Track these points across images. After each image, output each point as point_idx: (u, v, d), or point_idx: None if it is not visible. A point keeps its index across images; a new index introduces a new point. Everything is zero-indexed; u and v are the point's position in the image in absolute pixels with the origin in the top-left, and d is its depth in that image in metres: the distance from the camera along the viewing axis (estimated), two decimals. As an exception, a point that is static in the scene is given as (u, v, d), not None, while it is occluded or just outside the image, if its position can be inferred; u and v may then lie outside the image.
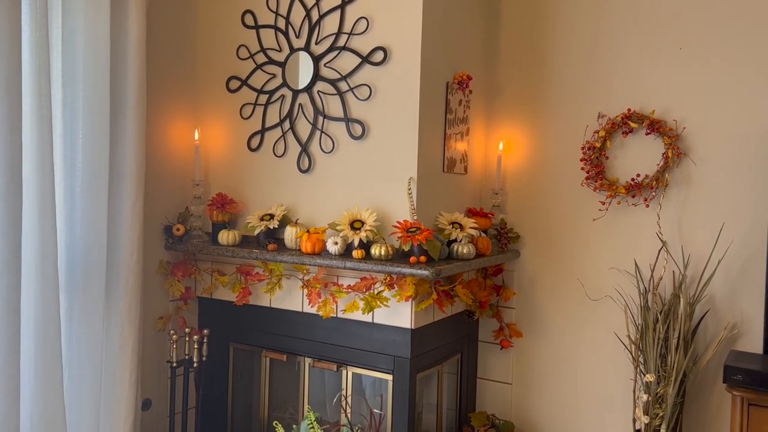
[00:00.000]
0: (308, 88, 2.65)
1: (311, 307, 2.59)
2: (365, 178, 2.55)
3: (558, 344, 2.87)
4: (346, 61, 2.56)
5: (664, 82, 2.63)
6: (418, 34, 2.42)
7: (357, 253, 2.40)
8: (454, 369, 2.89)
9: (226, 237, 2.71)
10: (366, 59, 2.51)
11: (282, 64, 2.71)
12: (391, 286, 2.41)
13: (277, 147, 2.75)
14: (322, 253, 2.51)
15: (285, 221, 2.67)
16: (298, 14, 2.67)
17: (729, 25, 2.52)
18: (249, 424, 2.97)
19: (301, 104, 2.68)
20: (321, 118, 2.63)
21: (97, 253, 2.40)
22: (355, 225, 2.44)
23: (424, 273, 2.25)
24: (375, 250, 2.38)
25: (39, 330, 2.16)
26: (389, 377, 2.50)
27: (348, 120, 2.56)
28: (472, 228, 2.56)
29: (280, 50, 2.73)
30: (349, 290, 2.49)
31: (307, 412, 2.38)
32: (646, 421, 2.43)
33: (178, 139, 2.90)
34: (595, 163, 2.72)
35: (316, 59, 2.62)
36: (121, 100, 2.48)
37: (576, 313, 2.82)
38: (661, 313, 2.50)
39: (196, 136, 2.88)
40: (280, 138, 2.74)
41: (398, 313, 2.44)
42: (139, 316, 2.56)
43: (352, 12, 2.54)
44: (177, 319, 2.89)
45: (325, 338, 2.63)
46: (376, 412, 2.50)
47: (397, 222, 2.40)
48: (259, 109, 2.79)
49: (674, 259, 2.61)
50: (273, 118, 2.76)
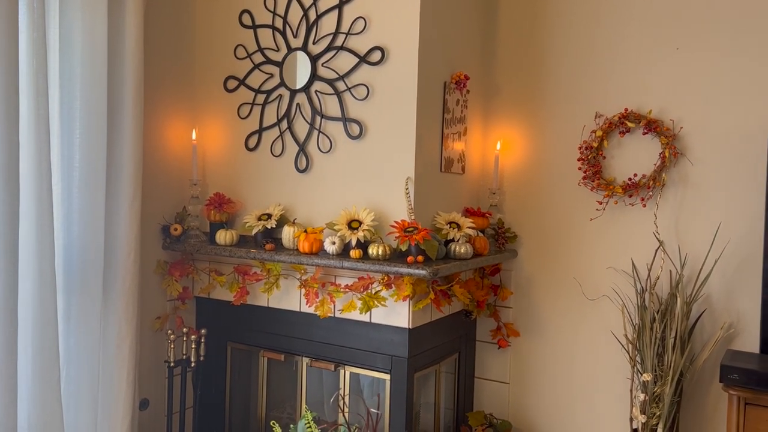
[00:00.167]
0: (306, 88, 2.65)
1: (309, 307, 2.60)
2: (363, 177, 2.55)
3: (555, 344, 2.87)
4: (344, 61, 2.56)
5: (661, 82, 2.64)
6: (416, 34, 2.42)
7: (354, 253, 2.40)
8: (452, 368, 2.89)
9: (223, 237, 2.71)
10: (363, 59, 2.51)
11: (279, 64, 2.71)
12: (388, 286, 2.41)
13: (275, 147, 2.75)
14: (320, 252, 2.51)
15: (282, 221, 2.67)
16: (295, 14, 2.67)
17: (726, 25, 2.52)
18: (246, 424, 2.97)
19: (298, 104, 2.68)
20: (318, 118, 2.63)
21: (95, 252, 2.40)
22: (353, 225, 2.45)
23: (422, 273, 2.25)
24: (372, 250, 2.38)
25: (36, 330, 2.16)
26: (387, 377, 2.50)
27: (345, 120, 2.57)
28: (469, 228, 2.56)
29: (278, 50, 2.73)
30: (347, 290, 2.49)
31: (304, 411, 2.38)
32: (643, 421, 2.43)
33: (175, 138, 2.89)
34: (593, 163, 2.73)
35: (314, 59, 2.62)
36: (119, 100, 2.48)
37: (573, 313, 2.83)
38: (658, 313, 2.51)
39: (194, 136, 2.88)
40: (277, 138, 2.74)
41: (396, 313, 2.45)
42: (137, 316, 2.56)
43: (350, 12, 2.54)
44: (174, 318, 2.89)
45: (323, 338, 2.63)
46: (374, 411, 2.50)
47: (395, 222, 2.40)
48: (257, 109, 2.79)
49: (671, 259, 2.62)
50: (270, 117, 2.76)
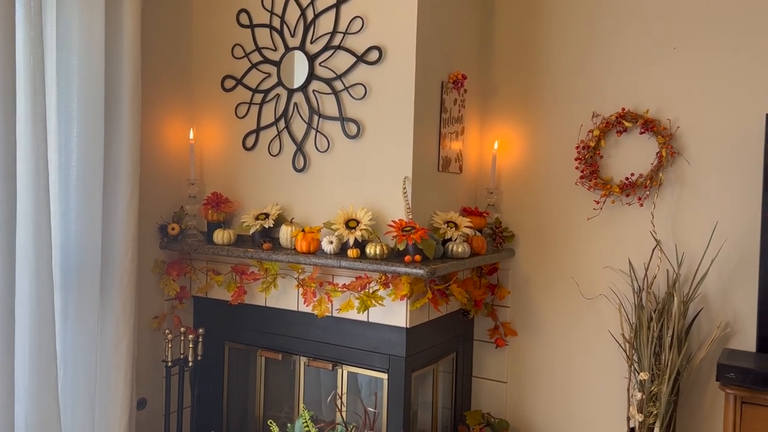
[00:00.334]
0: (303, 88, 2.65)
1: (306, 306, 2.60)
2: (360, 177, 2.55)
3: (553, 343, 2.88)
4: (341, 61, 2.56)
5: (658, 82, 2.64)
6: (413, 34, 2.42)
7: (352, 252, 2.40)
8: (450, 368, 2.89)
9: (221, 236, 2.71)
10: (361, 58, 2.51)
11: (277, 63, 2.71)
12: (386, 285, 2.41)
13: (273, 146, 2.75)
14: (317, 252, 2.51)
15: (280, 220, 2.67)
16: (293, 13, 2.67)
17: (723, 25, 2.53)
18: (244, 423, 2.97)
19: (296, 103, 2.68)
20: (316, 118, 2.63)
21: (92, 252, 2.40)
22: (350, 224, 2.45)
23: (419, 272, 2.25)
24: (370, 249, 2.38)
25: (34, 329, 2.16)
26: (384, 376, 2.50)
27: (343, 119, 2.57)
28: (467, 227, 2.57)
29: (275, 49, 2.73)
30: (344, 289, 2.49)
31: (302, 411, 2.38)
32: (640, 419, 2.44)
33: (173, 138, 2.89)
34: (590, 163, 2.73)
35: (311, 58, 2.62)
36: (116, 99, 2.48)
37: (570, 312, 2.83)
38: (655, 312, 2.51)
39: (191, 135, 2.87)
40: (275, 137, 2.74)
41: (393, 312, 2.45)
42: (134, 316, 2.56)
43: (347, 11, 2.54)
44: (172, 318, 2.89)
45: (321, 337, 2.63)
46: (371, 410, 2.50)
47: (392, 221, 2.40)
48: (255, 108, 2.79)
49: (668, 258, 2.62)
50: (268, 117, 2.76)
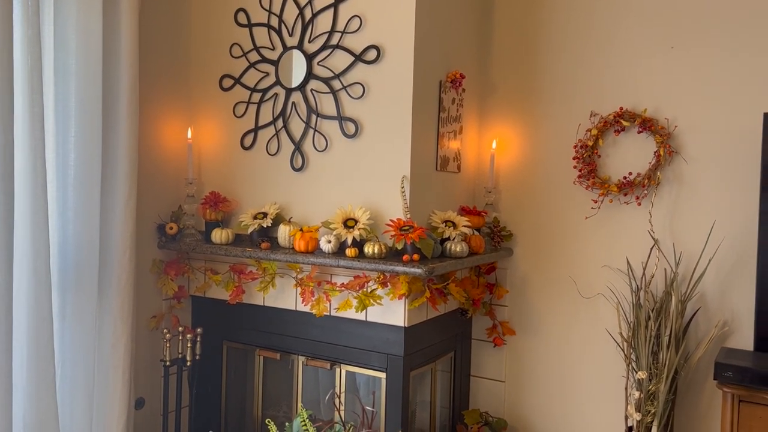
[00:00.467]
0: (301, 87, 2.65)
1: (304, 306, 2.59)
2: (358, 176, 2.55)
3: (551, 342, 2.88)
4: (339, 60, 2.56)
5: (656, 81, 2.65)
6: (411, 33, 2.42)
7: (350, 252, 2.40)
8: (448, 367, 2.89)
9: (219, 235, 2.71)
10: (359, 58, 2.51)
11: (275, 63, 2.71)
12: (384, 285, 2.41)
13: (271, 145, 2.75)
14: (316, 251, 2.51)
15: (278, 220, 2.67)
16: (291, 12, 2.67)
17: (721, 24, 2.53)
18: (242, 423, 2.97)
19: (294, 103, 2.68)
20: (314, 117, 2.63)
21: (90, 251, 2.40)
22: (349, 223, 2.45)
23: (417, 271, 2.25)
24: (368, 249, 2.38)
25: (31, 329, 2.15)
26: (383, 375, 2.50)
27: (341, 118, 2.57)
28: (465, 226, 2.57)
29: (273, 48, 2.73)
30: (343, 288, 2.49)
31: (300, 410, 2.38)
32: (638, 418, 2.44)
33: (171, 137, 2.89)
34: (588, 162, 2.74)
35: (309, 57, 2.62)
36: (114, 98, 2.48)
37: (568, 311, 2.84)
38: (653, 311, 2.52)
39: (189, 135, 2.87)
40: (273, 136, 2.74)
41: (391, 311, 2.45)
42: (132, 315, 2.55)
43: (345, 10, 2.54)
44: (170, 317, 2.88)
45: (319, 336, 2.63)
46: (368, 409, 2.50)
47: (391, 220, 2.40)
48: (253, 108, 2.79)
49: (666, 257, 2.62)
50: (266, 116, 2.76)
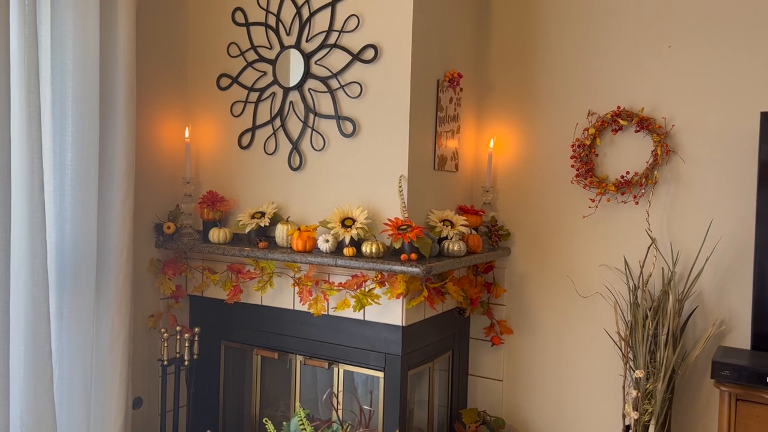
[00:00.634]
0: (299, 86, 2.64)
1: (302, 305, 2.59)
2: (356, 175, 2.55)
3: (548, 341, 2.88)
4: (337, 59, 2.56)
5: (653, 80, 2.65)
6: (409, 32, 2.42)
7: (348, 251, 2.40)
8: (445, 366, 2.90)
9: (216, 235, 2.71)
10: (357, 57, 2.51)
11: (273, 62, 2.71)
12: (382, 284, 2.41)
13: (268, 145, 2.75)
14: (313, 250, 2.51)
15: (276, 219, 2.67)
16: (288, 12, 2.67)
17: (718, 23, 2.54)
18: (240, 422, 2.97)
19: (291, 102, 2.68)
20: (312, 116, 2.63)
21: (87, 251, 2.39)
22: (346, 223, 2.45)
23: (415, 270, 2.25)
24: (366, 248, 2.38)
25: (29, 328, 2.15)
26: (380, 374, 2.50)
27: (339, 118, 2.57)
28: (462, 225, 2.57)
29: (271, 48, 2.72)
30: (340, 288, 2.49)
31: (297, 409, 2.38)
32: (636, 417, 2.44)
33: (168, 136, 2.89)
34: (585, 161, 2.74)
35: (307, 57, 2.62)
36: (111, 98, 2.48)
37: (566, 310, 2.84)
38: (650, 310, 2.52)
39: (187, 134, 2.87)
40: (270, 136, 2.74)
41: (389, 311, 2.45)
42: (130, 315, 2.55)
43: (343, 9, 2.54)
44: (168, 317, 2.88)
45: (317, 336, 2.63)
46: (366, 408, 2.50)
47: (388, 219, 2.40)
48: (250, 107, 2.78)
49: (663, 256, 2.63)
50: (264, 115, 2.75)
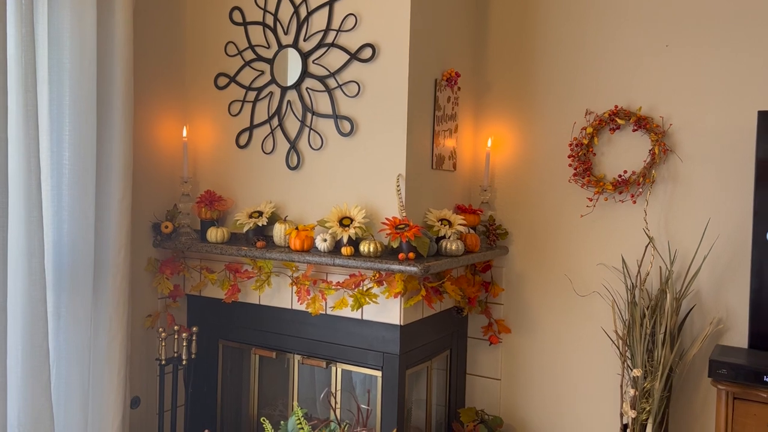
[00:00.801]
0: (297, 85, 2.64)
1: (300, 304, 2.59)
2: (354, 175, 2.55)
3: (546, 340, 2.88)
4: (335, 58, 2.56)
5: (651, 79, 2.65)
6: (407, 31, 2.42)
7: (346, 250, 2.40)
8: (443, 365, 2.90)
9: (214, 234, 2.71)
10: (354, 56, 2.51)
11: (270, 61, 2.71)
12: (380, 283, 2.41)
13: (266, 144, 2.75)
14: (311, 250, 2.51)
15: (274, 218, 2.66)
16: (286, 11, 2.67)
17: (716, 22, 2.54)
18: (238, 422, 2.97)
19: (289, 101, 2.68)
20: (309, 115, 2.63)
21: (85, 250, 2.39)
22: (344, 222, 2.45)
23: (413, 269, 2.25)
24: (364, 247, 2.38)
25: (26, 328, 2.15)
26: (378, 374, 2.50)
27: (336, 117, 2.56)
28: (460, 225, 2.57)
29: (269, 47, 2.72)
30: (338, 287, 2.49)
31: (295, 408, 2.38)
32: (633, 416, 2.45)
33: (166, 136, 2.88)
34: (583, 160, 2.74)
35: (305, 56, 2.62)
36: (109, 97, 2.47)
37: (564, 309, 2.84)
38: (648, 309, 2.52)
39: (185, 133, 2.87)
40: (268, 135, 2.74)
41: (387, 310, 2.45)
42: (128, 314, 2.55)
43: (341, 9, 2.54)
44: (166, 316, 2.88)
45: (315, 335, 2.63)
46: (364, 407, 2.50)
47: (386, 219, 2.40)
48: (248, 106, 2.78)
49: (661, 255, 2.63)
50: (261, 115, 2.75)
